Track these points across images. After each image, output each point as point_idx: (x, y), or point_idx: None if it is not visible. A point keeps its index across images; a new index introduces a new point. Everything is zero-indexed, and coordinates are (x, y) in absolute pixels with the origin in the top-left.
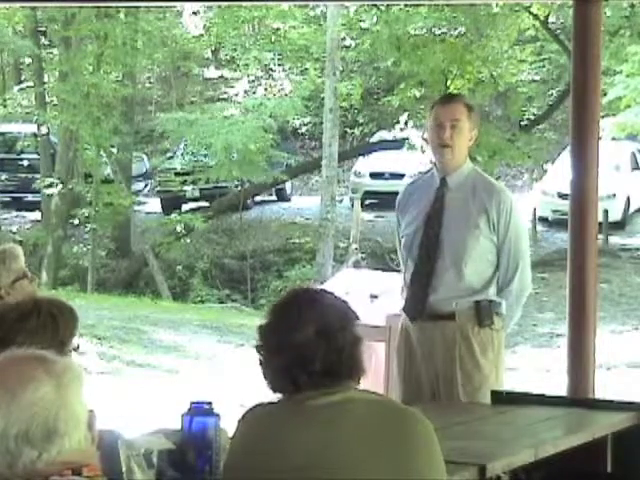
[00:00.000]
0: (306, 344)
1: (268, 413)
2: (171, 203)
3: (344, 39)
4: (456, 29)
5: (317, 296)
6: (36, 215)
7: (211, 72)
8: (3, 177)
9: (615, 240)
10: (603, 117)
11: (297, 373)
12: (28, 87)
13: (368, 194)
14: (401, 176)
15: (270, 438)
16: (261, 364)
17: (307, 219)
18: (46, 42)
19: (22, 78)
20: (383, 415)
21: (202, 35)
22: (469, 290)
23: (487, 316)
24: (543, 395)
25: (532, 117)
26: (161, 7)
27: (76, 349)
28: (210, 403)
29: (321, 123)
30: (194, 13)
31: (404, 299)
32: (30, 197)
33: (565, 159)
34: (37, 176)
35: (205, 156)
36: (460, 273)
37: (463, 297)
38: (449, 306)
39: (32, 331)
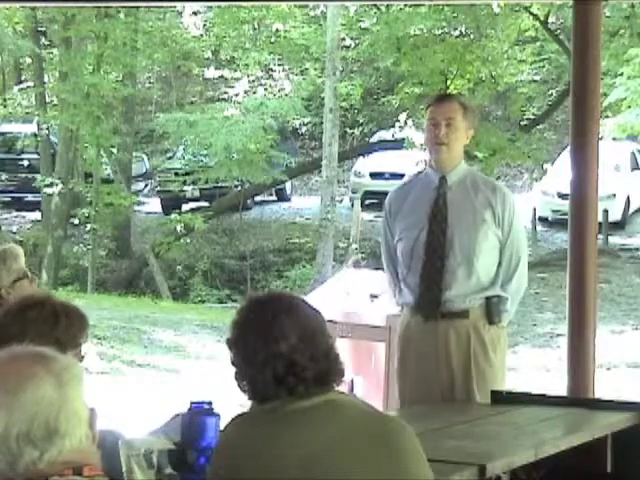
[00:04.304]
0: (294, 351)
1: (251, 421)
2: (171, 203)
3: (344, 39)
4: (456, 29)
5: (291, 302)
6: (36, 215)
7: (211, 72)
8: (3, 177)
9: (615, 240)
10: (603, 118)
11: (293, 381)
12: (28, 87)
13: (368, 194)
14: (401, 176)
15: (259, 445)
16: (241, 377)
17: (307, 219)
18: (46, 42)
19: (22, 78)
20: (365, 417)
21: (202, 35)
22: (480, 286)
23: (497, 313)
24: (543, 395)
25: (532, 117)
26: (161, 7)
27: (82, 358)
28: (210, 403)
29: (321, 123)
30: (194, 13)
31: (415, 299)
32: (30, 197)
33: (565, 159)
34: (37, 176)
35: (205, 156)
36: (472, 269)
37: (475, 293)
38: (462, 303)
39: (29, 322)
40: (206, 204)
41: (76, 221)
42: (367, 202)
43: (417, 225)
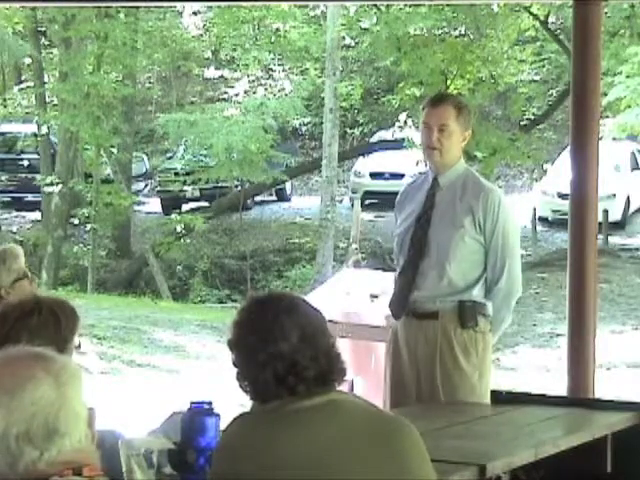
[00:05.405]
0: (295, 351)
1: (252, 422)
2: (171, 203)
3: (344, 39)
4: (456, 29)
5: (292, 302)
6: (36, 215)
7: (211, 72)
8: (3, 177)
9: (615, 240)
10: (603, 118)
11: (293, 382)
12: (28, 87)
13: (368, 194)
14: (401, 176)
15: (259, 445)
16: (243, 378)
17: (307, 219)
18: (46, 42)
19: (22, 78)
20: (367, 417)
21: (202, 35)
22: (452, 289)
23: (470, 317)
24: (543, 395)
25: (532, 117)
26: (161, 7)
27: (78, 347)
28: (210, 403)
29: (321, 123)
30: (194, 13)
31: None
32: (30, 197)
33: (565, 159)
34: (37, 176)
35: (205, 156)
36: (444, 272)
37: (446, 296)
38: (432, 305)
39: (34, 329)
40: (206, 204)
41: (76, 221)
42: (367, 202)
43: (407, 223)
